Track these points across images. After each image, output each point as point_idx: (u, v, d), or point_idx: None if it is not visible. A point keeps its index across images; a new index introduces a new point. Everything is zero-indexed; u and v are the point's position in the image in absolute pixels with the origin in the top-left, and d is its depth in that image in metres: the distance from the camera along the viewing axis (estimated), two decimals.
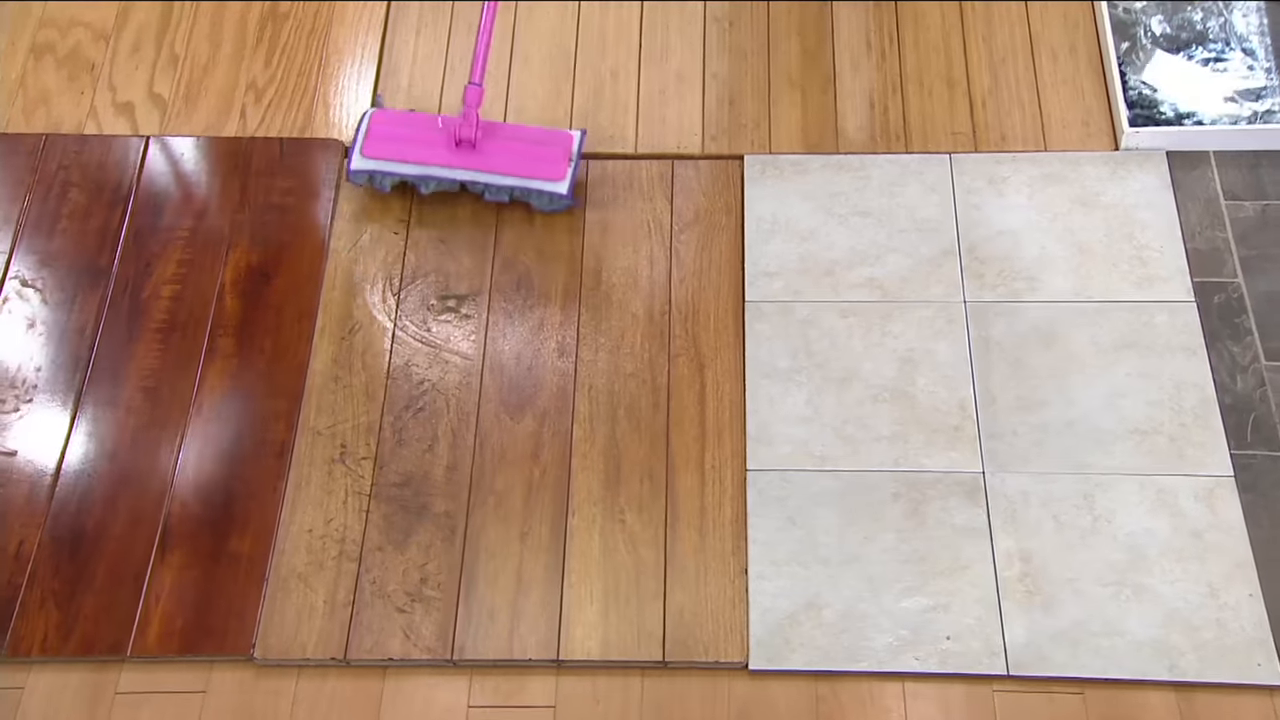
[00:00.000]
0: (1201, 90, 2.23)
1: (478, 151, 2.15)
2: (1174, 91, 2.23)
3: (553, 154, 2.17)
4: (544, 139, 2.19)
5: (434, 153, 2.16)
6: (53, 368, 2.06)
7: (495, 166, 2.15)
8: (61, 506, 1.94)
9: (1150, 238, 2.10)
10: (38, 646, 1.84)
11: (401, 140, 2.18)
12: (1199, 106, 2.21)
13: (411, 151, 2.17)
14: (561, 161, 2.16)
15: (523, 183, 2.15)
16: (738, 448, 1.96)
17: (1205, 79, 2.24)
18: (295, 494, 1.95)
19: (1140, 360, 1.98)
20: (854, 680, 1.77)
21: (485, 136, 2.16)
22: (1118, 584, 1.80)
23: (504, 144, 2.17)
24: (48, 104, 2.37)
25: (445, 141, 2.16)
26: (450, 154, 2.15)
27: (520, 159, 2.16)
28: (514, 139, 2.18)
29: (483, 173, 2.15)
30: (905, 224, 2.15)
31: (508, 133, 2.20)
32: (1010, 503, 1.87)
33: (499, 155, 2.16)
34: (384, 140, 2.18)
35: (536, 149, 2.17)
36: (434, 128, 2.19)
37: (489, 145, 2.16)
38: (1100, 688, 1.75)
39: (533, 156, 2.16)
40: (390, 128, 2.20)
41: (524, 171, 2.15)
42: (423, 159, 2.16)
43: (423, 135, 2.18)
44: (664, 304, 2.11)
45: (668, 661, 1.79)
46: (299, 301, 2.13)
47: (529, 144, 2.18)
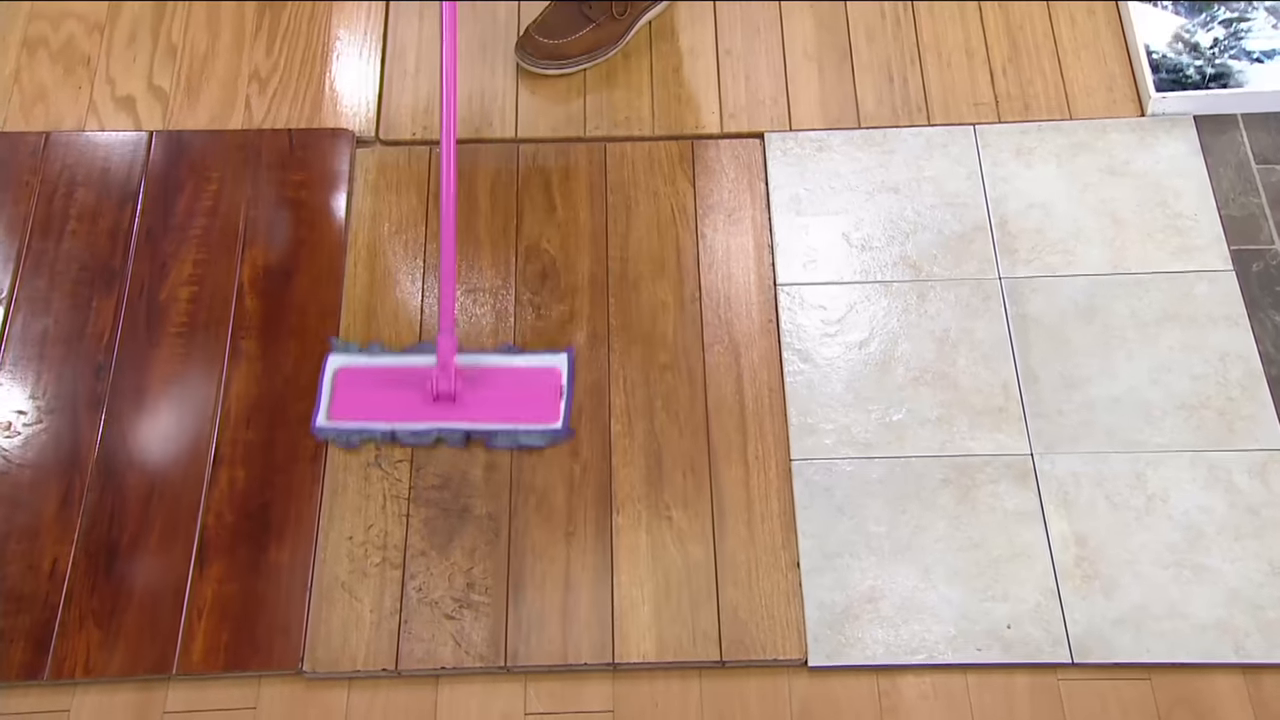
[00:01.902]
0: (1226, 51, 2.14)
1: (459, 403, 1.91)
2: (1198, 53, 2.14)
3: (540, 394, 1.94)
4: (529, 378, 1.95)
5: (409, 409, 1.92)
6: (73, 376, 1.96)
7: (480, 417, 1.91)
8: (93, 522, 1.85)
9: (1184, 206, 2.03)
10: (81, 668, 1.75)
11: (370, 401, 1.93)
12: (1225, 68, 2.12)
13: (383, 409, 1.92)
14: (553, 400, 1.93)
15: (512, 428, 1.91)
16: (780, 437, 1.89)
17: (1230, 40, 2.15)
18: (332, 500, 1.86)
19: (1182, 333, 1.92)
20: (915, 673, 1.71)
21: (466, 385, 1.92)
22: (1177, 565, 1.74)
23: (487, 392, 1.93)
24: (45, 100, 2.25)
25: (420, 393, 1.92)
26: (426, 407, 1.91)
27: (507, 405, 1.92)
28: (497, 385, 1.94)
29: (466, 424, 1.91)
30: (934, 199, 2.07)
31: (490, 378, 1.95)
32: (1061, 485, 1.81)
33: (482, 405, 1.92)
34: (351, 400, 1.93)
35: (522, 392, 1.93)
36: (406, 381, 1.94)
37: (470, 394, 1.92)
38: (1166, 673, 1.69)
39: (520, 401, 1.93)
40: (356, 386, 1.95)
41: (513, 418, 1.91)
42: (396, 416, 1.92)
43: (395, 391, 1.93)
44: (694, 290, 2.02)
45: (725, 661, 1.72)
46: (321, 299, 2.04)
47: (514, 388, 1.94)
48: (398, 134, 2.22)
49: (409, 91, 2.26)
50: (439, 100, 2.21)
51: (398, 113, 2.24)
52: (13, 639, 1.76)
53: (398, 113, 2.24)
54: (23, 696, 1.73)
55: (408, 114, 2.24)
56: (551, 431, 1.89)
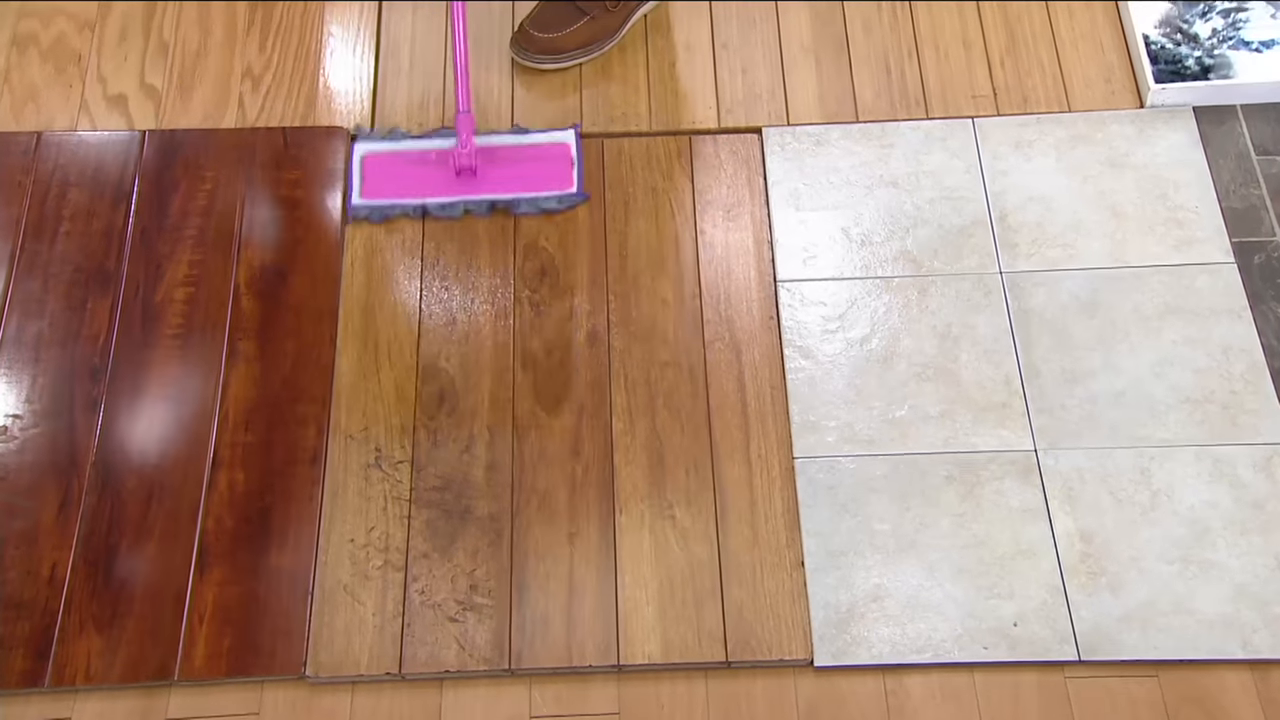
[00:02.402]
0: (1225, 42, 2.12)
1: (479, 178, 2.08)
2: (1197, 44, 2.12)
3: (554, 165, 2.11)
4: (542, 153, 2.12)
5: (435, 185, 2.09)
6: (69, 379, 1.94)
7: (500, 189, 2.08)
8: (91, 527, 1.82)
9: (1184, 198, 2.01)
10: (82, 675, 1.73)
11: (399, 178, 2.10)
12: (1224, 59, 2.10)
13: (412, 187, 2.09)
14: (565, 170, 2.11)
15: (532, 195, 2.08)
16: (783, 435, 1.87)
17: (1229, 31, 2.13)
18: (332, 502, 1.84)
19: (1185, 326, 1.90)
20: (922, 672, 1.70)
21: (485, 162, 2.10)
22: (1183, 561, 1.73)
23: (505, 167, 2.10)
24: (36, 100, 2.22)
25: (443, 172, 2.10)
26: (451, 184, 2.09)
27: (525, 177, 2.09)
28: (514, 159, 2.12)
29: (489, 195, 2.08)
30: (933, 193, 2.05)
31: (506, 154, 2.12)
32: (1066, 481, 1.79)
33: (502, 179, 2.09)
34: (381, 180, 2.10)
35: (537, 165, 2.11)
36: (429, 160, 2.12)
37: (489, 171, 2.09)
38: (1174, 669, 1.68)
39: (535, 173, 2.10)
40: (385, 167, 2.12)
41: (531, 188, 2.09)
42: (424, 192, 2.09)
43: (419, 168, 2.11)
44: (694, 287, 2.00)
45: (731, 662, 1.70)
46: (318, 299, 2.01)
47: (529, 161, 2.12)
48: None
49: (403, 89, 2.24)
50: (434, 99, 2.19)
51: (392, 110, 2.21)
52: (12, 646, 1.73)
53: (392, 110, 2.21)
54: (24, 704, 1.70)
55: (403, 111, 2.21)
56: (569, 195, 2.07)
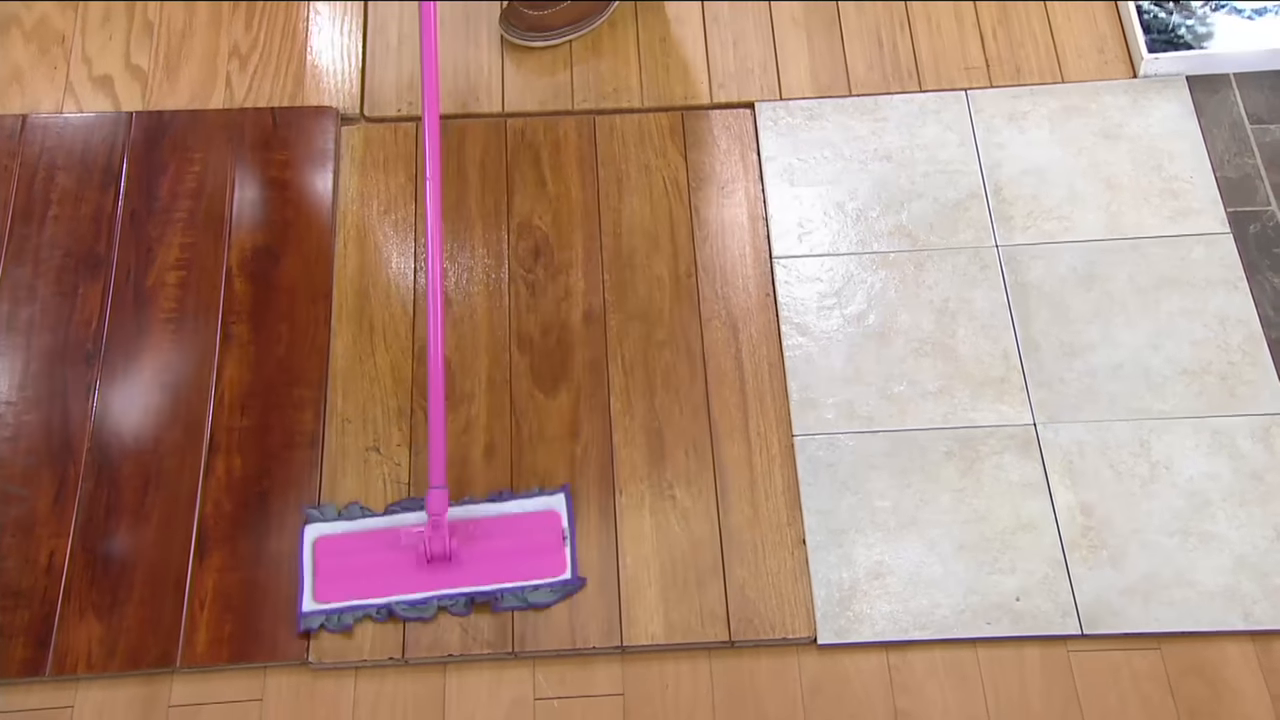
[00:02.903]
0: (1218, 9, 2.10)
1: (456, 564, 1.73)
2: (1190, 12, 2.10)
3: (543, 543, 1.76)
4: (528, 526, 1.77)
5: (403, 578, 1.73)
6: (62, 364, 1.91)
7: (480, 579, 1.73)
8: (89, 514, 1.80)
9: (1179, 168, 2.00)
10: (83, 663, 1.71)
11: (359, 571, 1.74)
12: (1216, 28, 2.08)
13: (375, 583, 1.73)
14: (557, 548, 1.76)
15: (518, 586, 1.73)
16: (781, 413, 1.85)
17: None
18: (331, 486, 1.82)
19: (1182, 298, 1.89)
20: (925, 649, 1.69)
21: (460, 542, 1.74)
22: (1183, 533, 1.72)
23: (484, 547, 1.76)
24: (20, 81, 2.18)
25: (412, 559, 1.74)
26: (422, 574, 1.73)
27: (508, 560, 1.74)
28: (494, 537, 1.77)
29: (467, 590, 1.73)
30: (927, 167, 2.03)
31: (485, 529, 1.77)
32: (1065, 454, 1.78)
33: (481, 565, 1.74)
34: (338, 575, 1.74)
35: (523, 542, 1.76)
36: (395, 544, 1.76)
37: (467, 552, 1.74)
38: (1176, 641, 1.68)
39: (522, 554, 1.75)
40: (342, 556, 1.75)
41: (517, 576, 1.74)
42: (391, 589, 1.73)
43: (384, 558, 1.75)
44: (689, 265, 1.98)
45: (734, 641, 1.69)
46: (311, 282, 1.99)
47: (513, 538, 1.76)
48: (382, 110, 2.16)
49: (392, 67, 2.21)
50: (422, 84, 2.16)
51: (381, 88, 2.18)
52: (12, 635, 1.72)
53: (381, 88, 2.18)
54: (25, 693, 1.69)
55: (392, 89, 2.18)
56: (561, 583, 1.73)
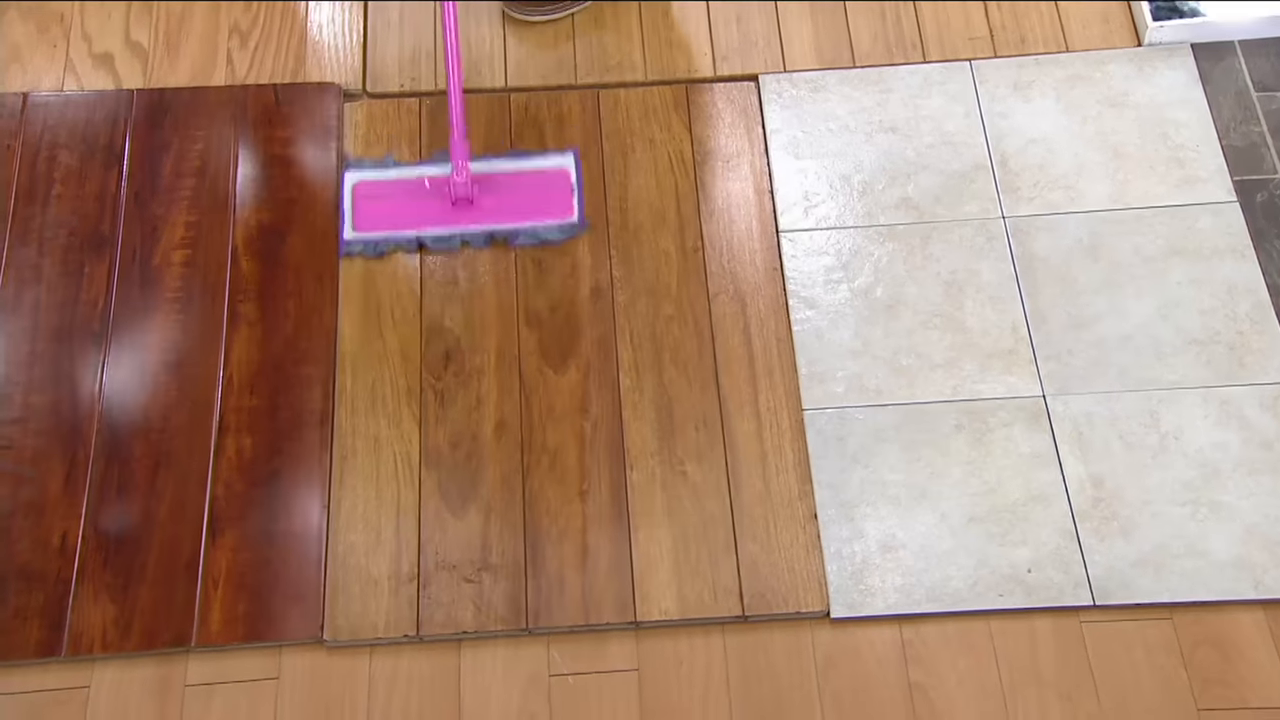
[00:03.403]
0: None
1: (476, 206, 1.97)
2: None
3: (553, 192, 1.99)
4: (541, 179, 2.01)
5: (430, 213, 1.98)
6: (69, 345, 1.89)
7: (498, 219, 1.97)
8: (100, 495, 1.79)
9: (1185, 137, 1.98)
10: (98, 643, 1.70)
11: (392, 208, 1.99)
12: None
13: (406, 218, 1.98)
14: (565, 197, 1.99)
15: (531, 225, 1.97)
16: (790, 387, 1.84)
17: None
18: (342, 465, 1.81)
19: (1189, 267, 1.88)
20: (938, 621, 1.68)
21: (481, 190, 1.98)
22: (1193, 503, 1.72)
23: (503, 195, 1.99)
24: (20, 59, 2.15)
25: (438, 199, 1.98)
26: (447, 214, 1.97)
27: (523, 206, 1.98)
28: (511, 187, 2.00)
29: (487, 226, 1.97)
30: (932, 138, 2.01)
31: (503, 181, 2.00)
32: (1075, 425, 1.77)
33: (500, 207, 1.98)
34: (373, 211, 1.98)
35: (536, 191, 1.99)
36: (423, 189, 2.00)
37: (487, 199, 1.98)
38: (1188, 611, 1.67)
39: (535, 199, 1.98)
40: (376, 196, 2.00)
41: (530, 217, 1.97)
42: (419, 224, 1.97)
43: (413, 197, 2.00)
44: (696, 240, 1.96)
45: (748, 616, 1.69)
46: (317, 260, 1.97)
47: (527, 188, 2.00)
48: (385, 86, 2.14)
49: (394, 42, 2.18)
50: (425, 53, 2.14)
51: (384, 64, 2.16)
52: (28, 616, 1.71)
53: (384, 64, 2.16)
54: (42, 673, 1.68)
55: (394, 65, 2.16)
56: (569, 225, 1.94)
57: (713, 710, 1.63)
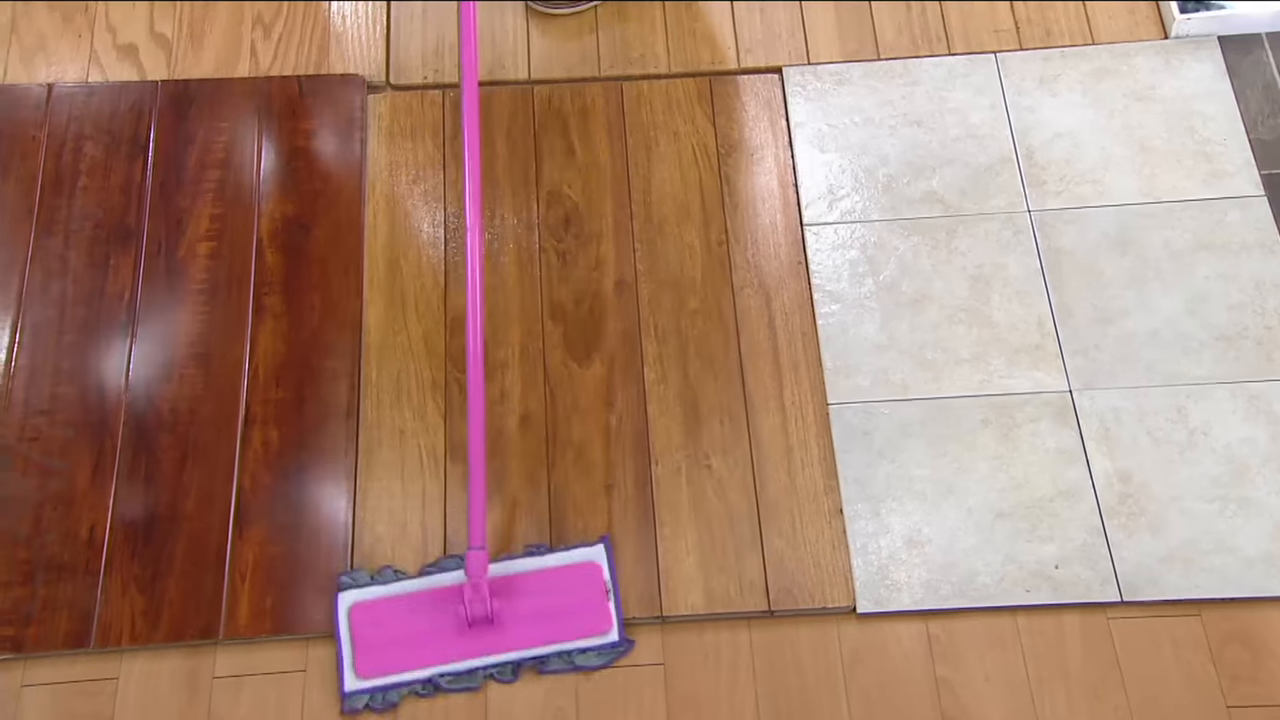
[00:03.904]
0: None
1: (497, 626, 1.65)
2: None
3: (586, 598, 1.68)
4: (569, 579, 1.69)
5: (445, 644, 1.66)
6: (96, 337, 1.88)
7: (527, 641, 1.66)
8: (128, 487, 1.78)
9: (1212, 130, 1.96)
10: (127, 635, 1.70)
11: (400, 640, 1.66)
12: None
13: (416, 652, 1.65)
14: (600, 604, 1.67)
15: (565, 648, 1.66)
16: (816, 381, 1.83)
17: None
18: (368, 458, 1.80)
19: (1217, 261, 1.85)
20: (965, 617, 1.67)
21: (501, 601, 1.66)
22: (1222, 499, 1.70)
23: (526, 605, 1.67)
24: (46, 50, 2.14)
25: (452, 622, 1.66)
26: (465, 638, 1.65)
27: (552, 620, 1.66)
28: (535, 593, 1.68)
29: (514, 652, 1.66)
30: (958, 131, 1.99)
31: (524, 586, 1.69)
32: (1102, 421, 1.75)
33: (526, 624, 1.66)
34: (378, 647, 1.66)
35: (566, 599, 1.68)
36: (432, 605, 1.68)
37: (509, 614, 1.66)
38: (1217, 608, 1.65)
39: (565, 611, 1.67)
40: (379, 624, 1.67)
41: (562, 635, 1.66)
42: (433, 658, 1.65)
43: (424, 624, 1.67)
44: (720, 233, 1.95)
45: (774, 611, 1.68)
46: (343, 252, 1.96)
47: (555, 595, 1.68)
48: (409, 78, 2.12)
49: (417, 34, 2.16)
50: (449, 46, 2.12)
51: (407, 56, 2.14)
52: (57, 608, 1.71)
53: (407, 56, 2.14)
54: (71, 664, 1.68)
55: (417, 57, 2.14)
56: (610, 645, 1.66)
57: (739, 704, 1.62)
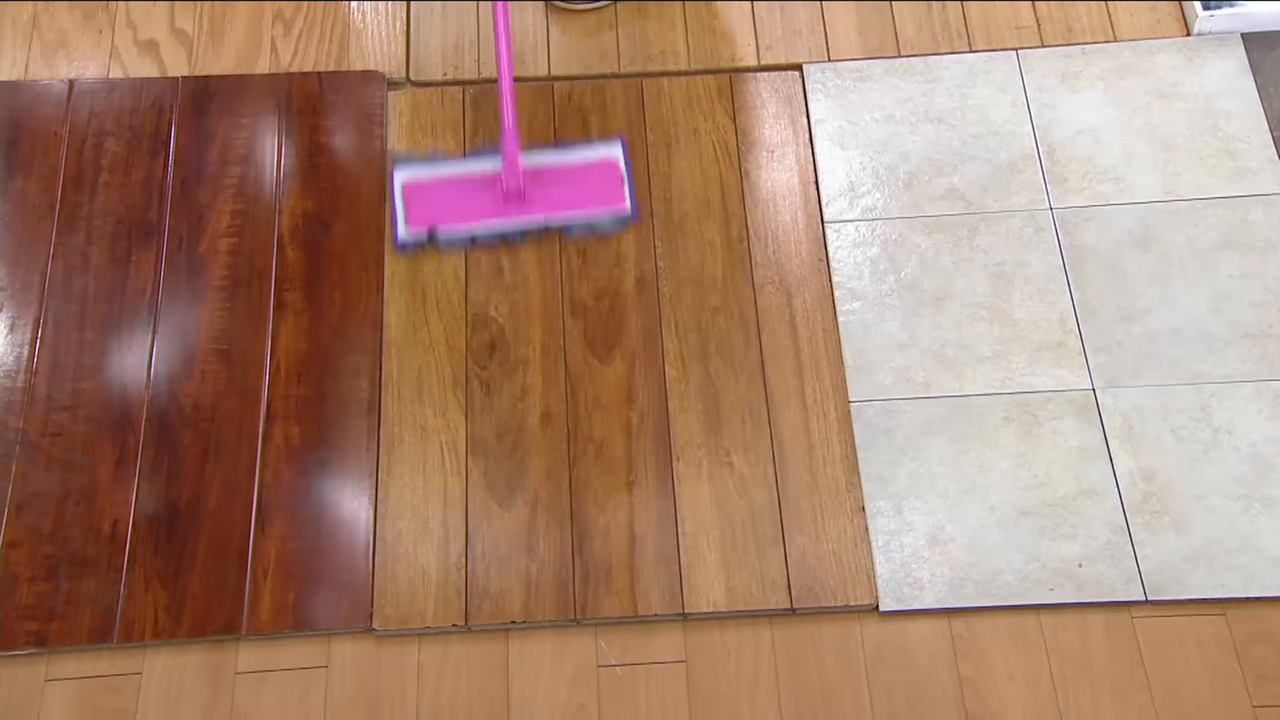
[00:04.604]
0: None
1: (528, 200, 1.93)
2: None
3: (605, 181, 1.96)
4: (590, 170, 1.97)
5: (482, 208, 1.93)
6: (118, 334, 1.87)
7: (552, 210, 1.93)
8: (150, 483, 1.77)
9: (1235, 128, 1.93)
10: (150, 630, 1.69)
11: (444, 203, 1.94)
12: None
13: (458, 213, 1.93)
14: (616, 187, 1.95)
15: (586, 216, 1.93)
16: (837, 379, 1.81)
17: None
18: (389, 455, 1.79)
19: (1241, 259, 1.83)
20: (988, 615, 1.65)
21: (532, 182, 1.93)
22: (1247, 498, 1.68)
23: (553, 187, 1.95)
24: (66, 46, 2.13)
25: (490, 193, 1.93)
26: (499, 206, 1.93)
27: (575, 196, 1.94)
28: (562, 178, 1.96)
29: (541, 218, 1.93)
30: (979, 128, 1.97)
31: (553, 173, 1.97)
32: (1125, 419, 1.74)
33: (552, 199, 1.94)
34: (425, 207, 1.94)
35: (587, 181, 1.95)
36: (472, 181, 1.96)
37: (538, 191, 1.94)
38: (1242, 607, 1.63)
39: (586, 190, 1.94)
40: (427, 193, 1.96)
41: (584, 206, 1.93)
42: (473, 217, 1.93)
43: (464, 192, 1.95)
44: (741, 230, 1.93)
45: (796, 608, 1.66)
46: (363, 249, 1.95)
47: (578, 179, 1.96)
48: (429, 75, 2.11)
49: (437, 30, 2.15)
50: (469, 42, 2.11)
51: (427, 53, 2.13)
52: (80, 603, 1.70)
53: (427, 53, 2.13)
54: (94, 659, 1.67)
55: (437, 53, 2.13)
56: (623, 215, 1.92)
57: (761, 702, 1.61)
